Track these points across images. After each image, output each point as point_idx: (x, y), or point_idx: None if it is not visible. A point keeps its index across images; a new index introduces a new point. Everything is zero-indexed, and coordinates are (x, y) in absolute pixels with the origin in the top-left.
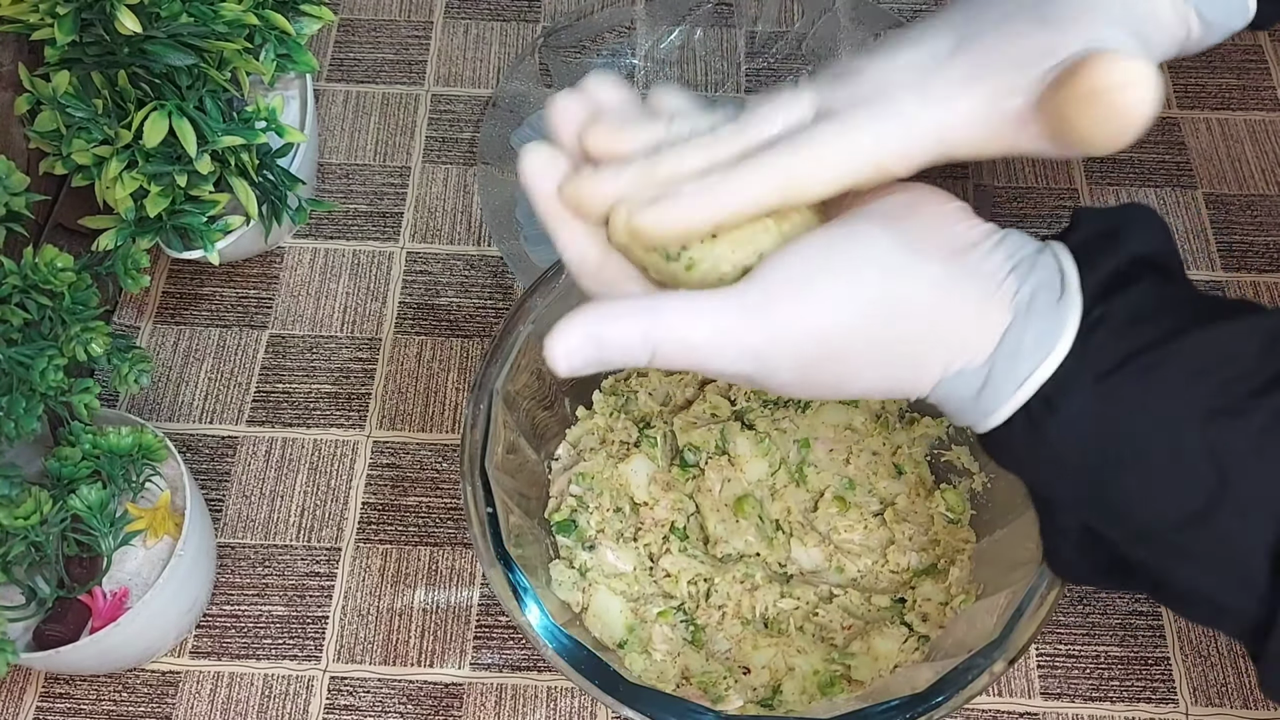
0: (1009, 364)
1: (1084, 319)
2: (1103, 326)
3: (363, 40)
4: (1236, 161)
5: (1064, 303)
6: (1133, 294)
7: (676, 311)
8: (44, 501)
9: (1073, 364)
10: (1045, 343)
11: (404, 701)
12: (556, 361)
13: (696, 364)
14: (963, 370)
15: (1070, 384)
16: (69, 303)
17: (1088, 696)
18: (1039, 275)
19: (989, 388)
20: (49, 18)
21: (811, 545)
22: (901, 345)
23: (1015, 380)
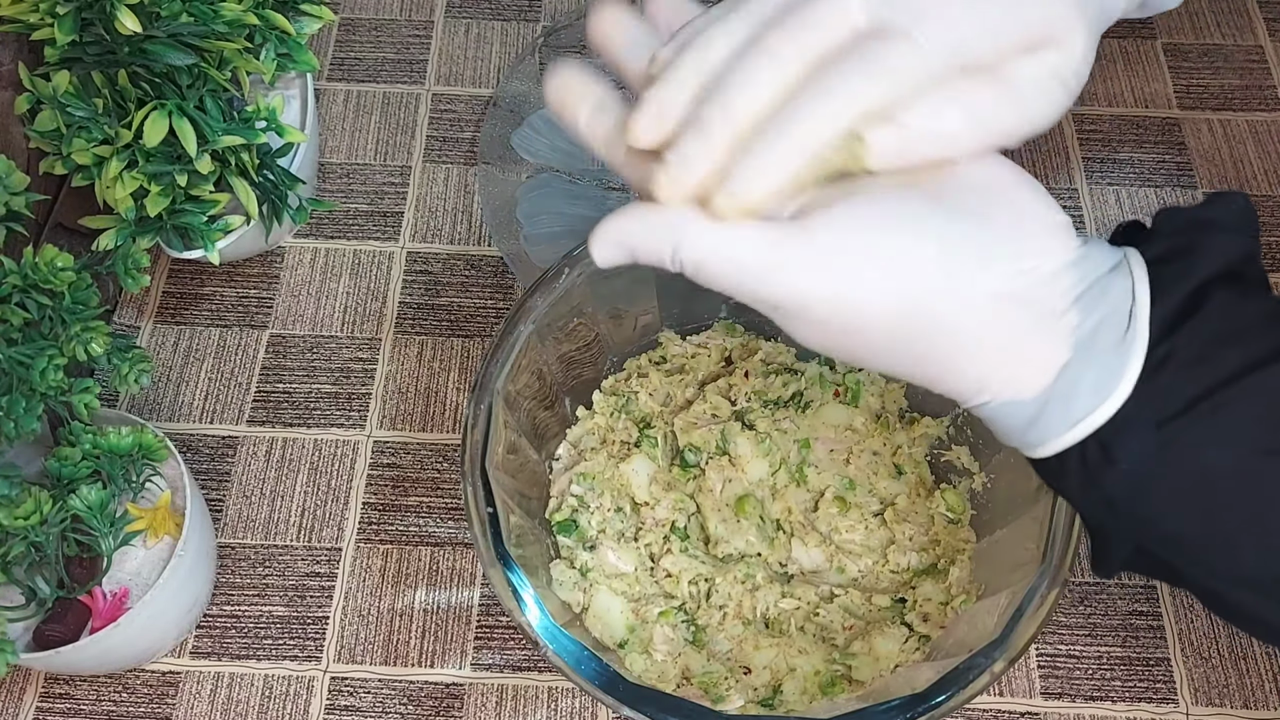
0: (1063, 405)
1: (1148, 357)
2: (1168, 366)
3: (363, 40)
4: (1238, 162)
5: (1129, 341)
6: (1201, 321)
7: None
8: (44, 501)
9: (1133, 408)
10: (1105, 386)
11: (404, 702)
12: (596, 256)
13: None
14: (1011, 402)
15: (1129, 430)
16: (69, 302)
17: (1088, 696)
18: (1106, 305)
19: (1040, 423)
20: (49, 17)
21: (812, 545)
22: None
23: (1069, 421)
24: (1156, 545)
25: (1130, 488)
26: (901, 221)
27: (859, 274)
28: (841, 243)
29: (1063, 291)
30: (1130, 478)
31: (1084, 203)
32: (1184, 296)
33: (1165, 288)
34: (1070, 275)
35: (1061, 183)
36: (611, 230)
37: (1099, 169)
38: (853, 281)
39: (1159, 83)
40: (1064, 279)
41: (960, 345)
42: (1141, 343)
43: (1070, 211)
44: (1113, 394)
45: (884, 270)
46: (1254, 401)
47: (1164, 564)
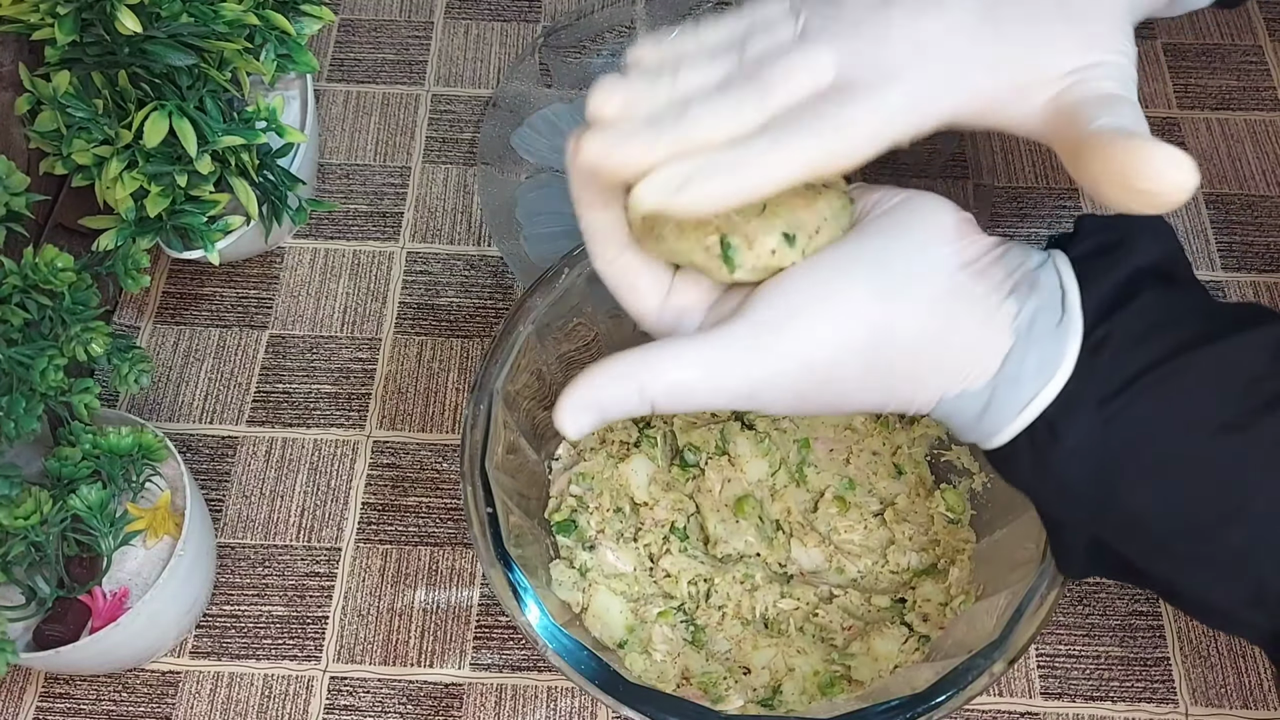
0: (1010, 389)
1: (1086, 340)
2: (1106, 347)
3: (363, 40)
4: (1236, 161)
5: (1065, 325)
6: (1135, 309)
7: (666, 359)
8: (44, 501)
9: (1075, 387)
10: (1047, 368)
11: (404, 702)
12: (566, 432)
13: (695, 405)
14: (963, 393)
15: (1073, 408)
16: (69, 303)
17: (1088, 697)
18: (1039, 296)
19: (991, 411)
20: (49, 18)
21: (811, 545)
22: (895, 370)
23: (1017, 405)
24: (1111, 533)
25: (1079, 467)
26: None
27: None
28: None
29: (995, 284)
30: (1078, 456)
31: (1084, 203)
32: (1116, 285)
33: (1096, 278)
34: (998, 269)
35: (1061, 183)
36: (576, 397)
37: None
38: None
39: (1158, 82)
40: (994, 273)
41: (918, 351)
42: (1077, 325)
43: (1070, 211)
44: (1055, 375)
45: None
46: (1192, 376)
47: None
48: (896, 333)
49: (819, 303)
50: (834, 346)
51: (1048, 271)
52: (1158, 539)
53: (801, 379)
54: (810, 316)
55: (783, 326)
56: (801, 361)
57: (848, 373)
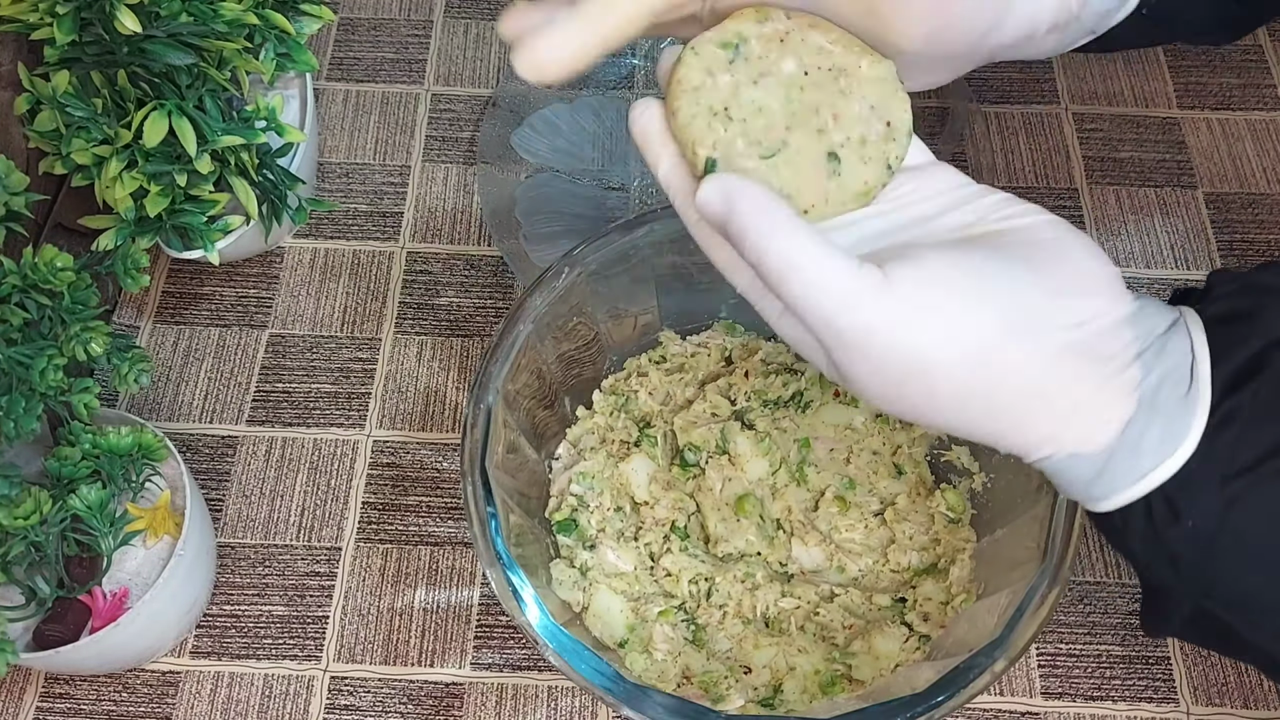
0: (1129, 459)
1: (1212, 414)
2: (1234, 423)
3: (363, 39)
4: (1237, 160)
5: (1192, 396)
6: (1264, 383)
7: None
8: (44, 501)
9: (1198, 465)
10: (1170, 440)
11: (404, 701)
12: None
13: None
14: (1075, 455)
15: (1195, 486)
16: (69, 302)
17: (1089, 696)
18: (1167, 362)
19: (1105, 477)
20: (49, 17)
21: (812, 544)
22: (1000, 410)
23: (1135, 475)
24: (1219, 605)
25: (1196, 545)
26: (969, 276)
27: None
28: (916, 292)
29: (1124, 346)
30: (1197, 536)
31: (1084, 202)
32: (1247, 358)
33: (1227, 348)
34: (1129, 330)
35: (1061, 183)
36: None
37: (1099, 169)
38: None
39: (1159, 82)
40: (1124, 334)
41: (1029, 398)
42: (1205, 399)
43: (1070, 212)
44: (1178, 449)
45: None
46: None
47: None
48: (1011, 373)
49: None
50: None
51: (1178, 335)
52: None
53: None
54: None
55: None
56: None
57: (945, 386)
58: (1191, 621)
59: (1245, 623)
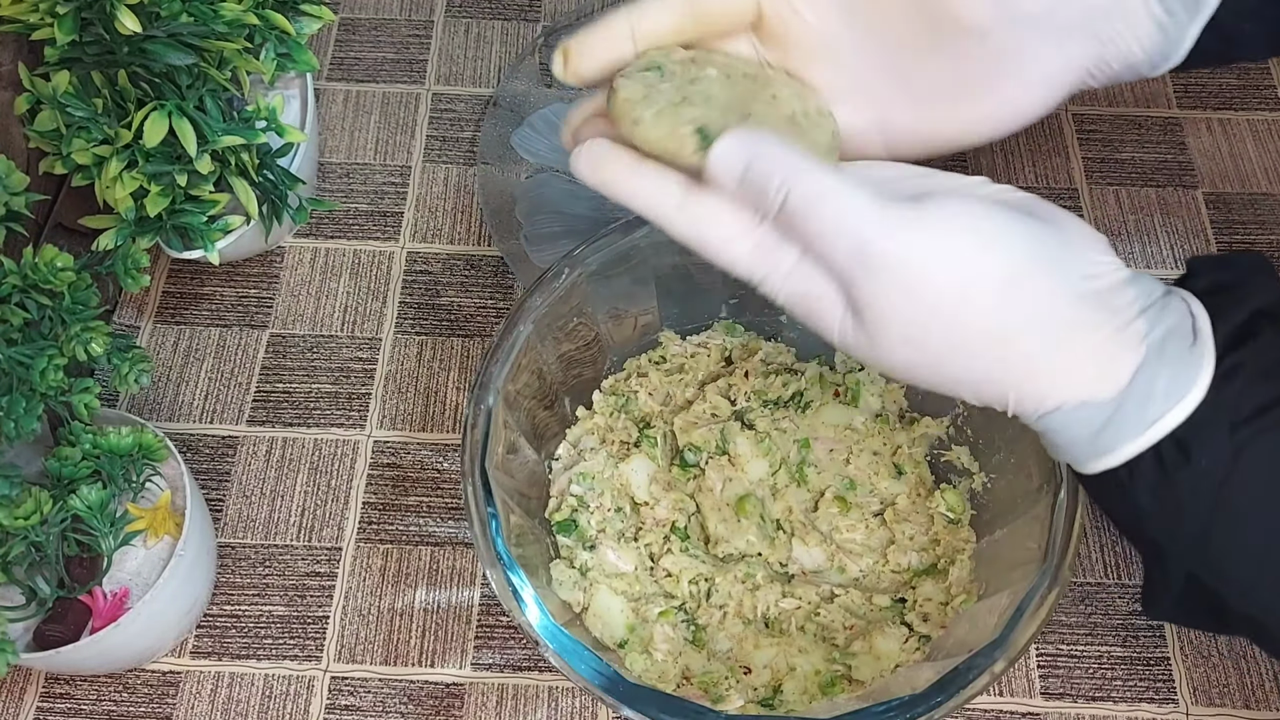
0: (1139, 405)
1: (1217, 367)
2: (1238, 376)
3: (363, 39)
4: (1238, 161)
5: (1197, 349)
6: (1262, 345)
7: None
8: (44, 501)
9: (1208, 411)
10: (1180, 386)
11: (405, 701)
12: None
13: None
14: (1085, 403)
15: (1206, 430)
16: (69, 302)
17: (1089, 696)
18: (1170, 319)
19: (1113, 426)
20: (49, 17)
21: (812, 545)
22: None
23: (1145, 422)
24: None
25: (1208, 490)
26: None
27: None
28: (948, 220)
29: (1129, 301)
30: (1208, 478)
31: (1084, 202)
32: (1241, 321)
33: (1221, 312)
34: (1131, 289)
35: (1061, 183)
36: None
37: (1099, 169)
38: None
39: (1158, 82)
40: (1128, 291)
41: (1050, 337)
42: (1210, 352)
43: (1071, 212)
44: (1187, 395)
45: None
46: None
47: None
48: (1038, 307)
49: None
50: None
51: (1175, 299)
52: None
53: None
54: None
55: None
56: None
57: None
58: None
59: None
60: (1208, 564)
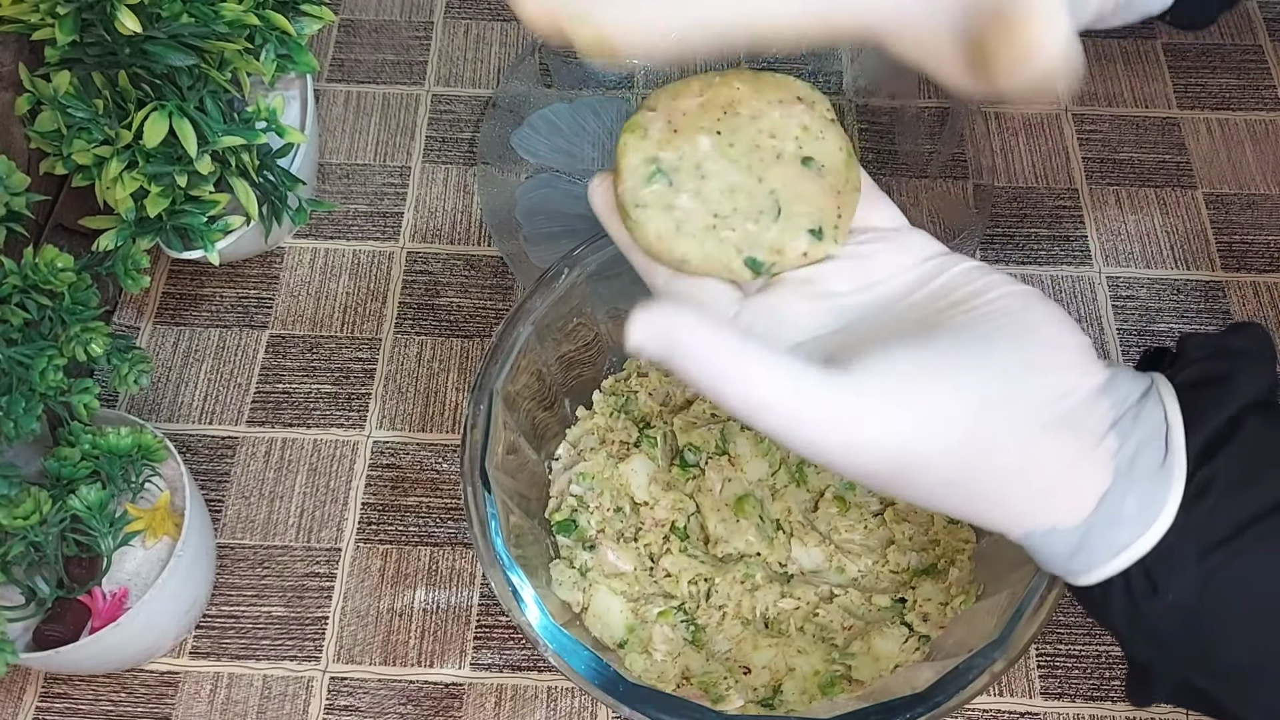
0: (1107, 532)
1: (1188, 482)
2: (1210, 493)
3: (363, 41)
4: (1237, 162)
5: (1168, 466)
6: (1240, 443)
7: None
8: (43, 501)
9: (1175, 538)
10: (1148, 512)
11: (404, 702)
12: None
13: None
14: (1054, 529)
15: (1174, 559)
16: (69, 303)
17: (1088, 696)
18: (1142, 430)
19: (1083, 552)
20: (49, 18)
21: (812, 545)
22: (983, 491)
23: (1113, 548)
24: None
25: (1176, 619)
26: (942, 368)
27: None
28: (889, 392)
29: (1100, 417)
30: (1176, 611)
31: (1084, 203)
32: (1222, 423)
33: (1201, 414)
34: (1105, 400)
35: (1061, 183)
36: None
37: (1099, 169)
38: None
39: (1158, 83)
40: (1100, 404)
41: (1010, 479)
42: (1181, 468)
43: (1071, 212)
44: (1155, 521)
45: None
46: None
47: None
48: (994, 454)
49: (923, 396)
50: (925, 443)
51: (1152, 403)
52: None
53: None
54: (920, 392)
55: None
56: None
57: (930, 477)
58: (1177, 694)
59: (1231, 694)
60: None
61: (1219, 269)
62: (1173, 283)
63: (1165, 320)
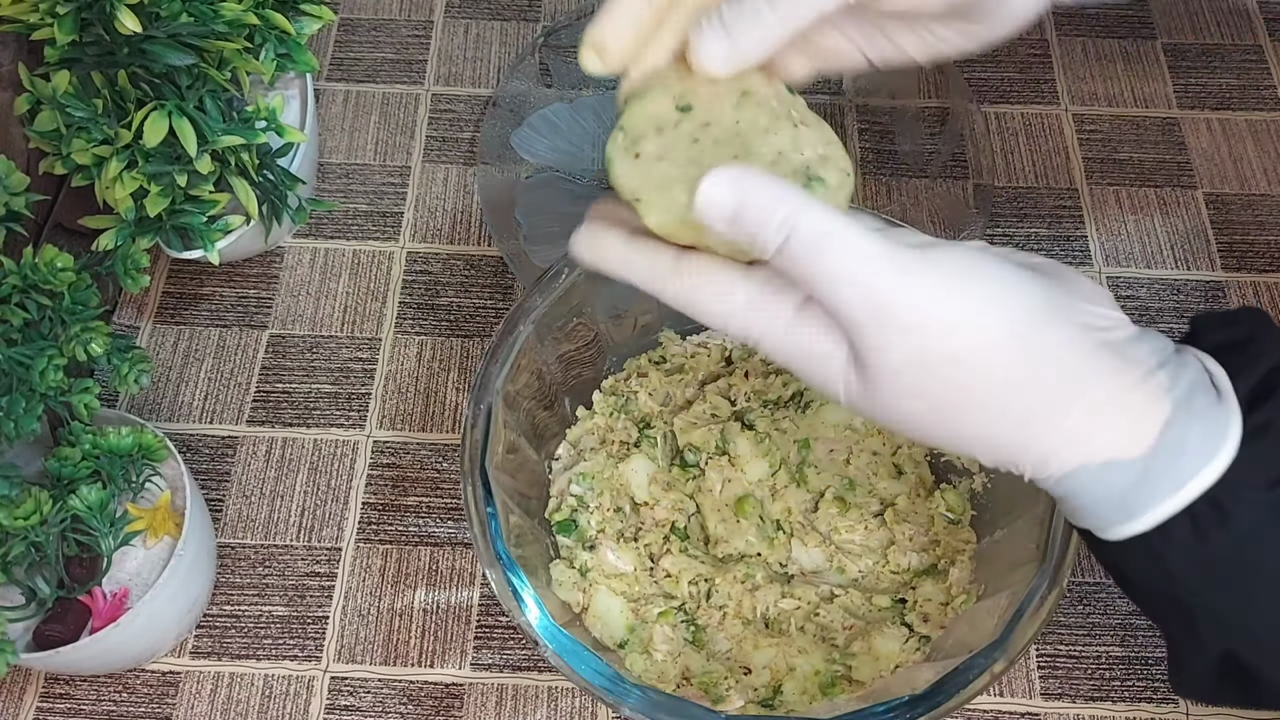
0: (1170, 462)
1: (1245, 423)
2: (1268, 432)
3: (363, 40)
4: (1237, 161)
5: (1224, 404)
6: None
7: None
8: (44, 502)
9: (1242, 468)
10: (1211, 443)
11: (404, 702)
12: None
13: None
14: (1110, 462)
15: (1242, 488)
16: (69, 303)
17: (1088, 697)
18: (1190, 374)
19: (1142, 487)
20: (49, 17)
21: (812, 545)
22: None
23: (1178, 480)
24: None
25: (1248, 553)
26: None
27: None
28: (957, 267)
29: (1147, 354)
30: (1249, 540)
31: (1084, 203)
32: (1260, 377)
33: (1238, 370)
34: (1145, 344)
35: (1061, 183)
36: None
37: (1099, 169)
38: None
39: (1158, 82)
40: (1144, 343)
41: (1070, 388)
42: (1235, 407)
43: (1071, 212)
44: (1221, 449)
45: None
46: None
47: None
48: (1054, 357)
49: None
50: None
51: (1189, 355)
52: None
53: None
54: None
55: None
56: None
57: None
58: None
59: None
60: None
61: (1219, 269)
62: (1173, 283)
63: (1165, 320)
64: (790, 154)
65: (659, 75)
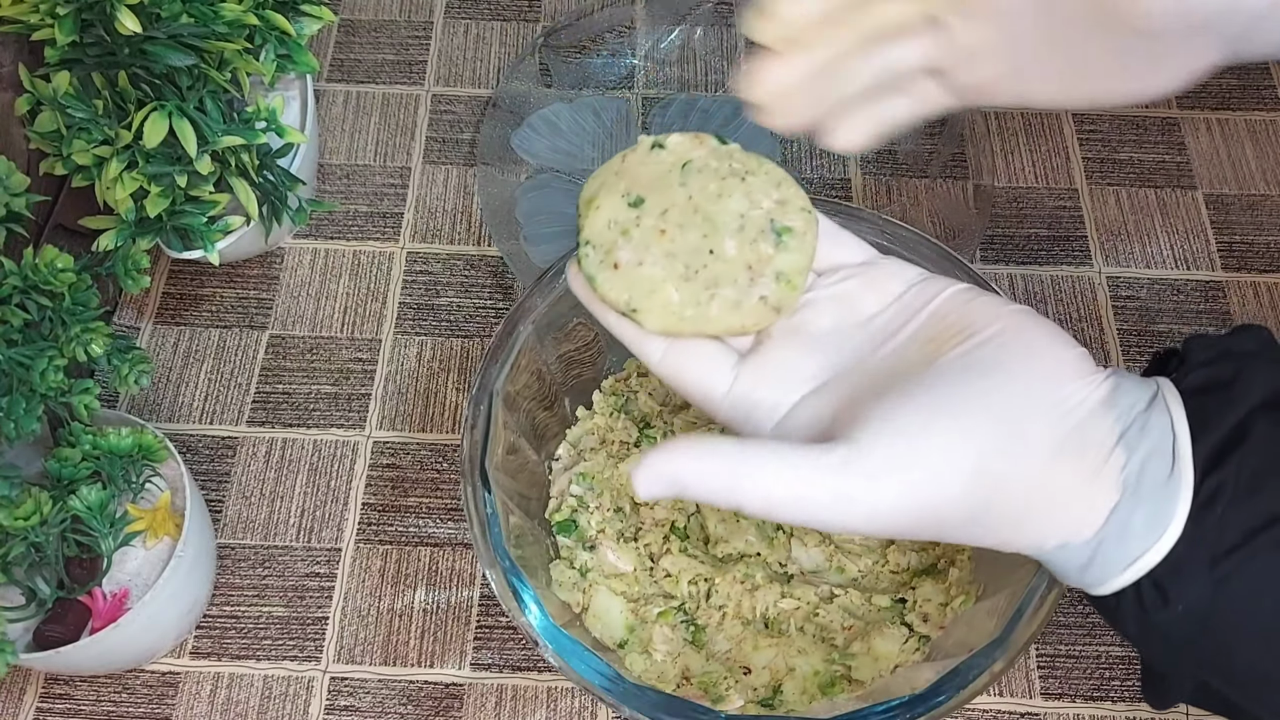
0: (1117, 546)
1: (1196, 493)
2: (1218, 500)
3: (363, 40)
4: (1237, 162)
5: (1175, 477)
6: (1249, 450)
7: (768, 470)
8: (44, 502)
9: (1185, 548)
10: (1156, 524)
11: (404, 702)
12: (639, 493)
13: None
14: (1066, 545)
15: (1184, 569)
16: (69, 303)
17: (1088, 696)
18: (1149, 441)
19: (1095, 566)
20: (49, 18)
21: (812, 545)
22: (999, 518)
23: (1123, 561)
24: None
25: (1188, 628)
26: (945, 414)
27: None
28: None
29: (1107, 430)
30: (1189, 619)
31: (1084, 203)
32: (1230, 428)
33: (1208, 420)
34: (1110, 413)
35: (1061, 183)
36: (661, 465)
37: (1099, 169)
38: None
39: None
40: (1106, 417)
41: (1025, 505)
42: (1188, 479)
43: (1071, 212)
44: (1164, 534)
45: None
46: None
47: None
48: (1006, 487)
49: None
50: (941, 492)
51: (1158, 412)
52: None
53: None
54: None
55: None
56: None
57: (950, 517)
58: (1194, 697)
59: (1247, 697)
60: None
61: (1219, 269)
62: (1173, 283)
63: (1165, 321)
64: (751, 213)
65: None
